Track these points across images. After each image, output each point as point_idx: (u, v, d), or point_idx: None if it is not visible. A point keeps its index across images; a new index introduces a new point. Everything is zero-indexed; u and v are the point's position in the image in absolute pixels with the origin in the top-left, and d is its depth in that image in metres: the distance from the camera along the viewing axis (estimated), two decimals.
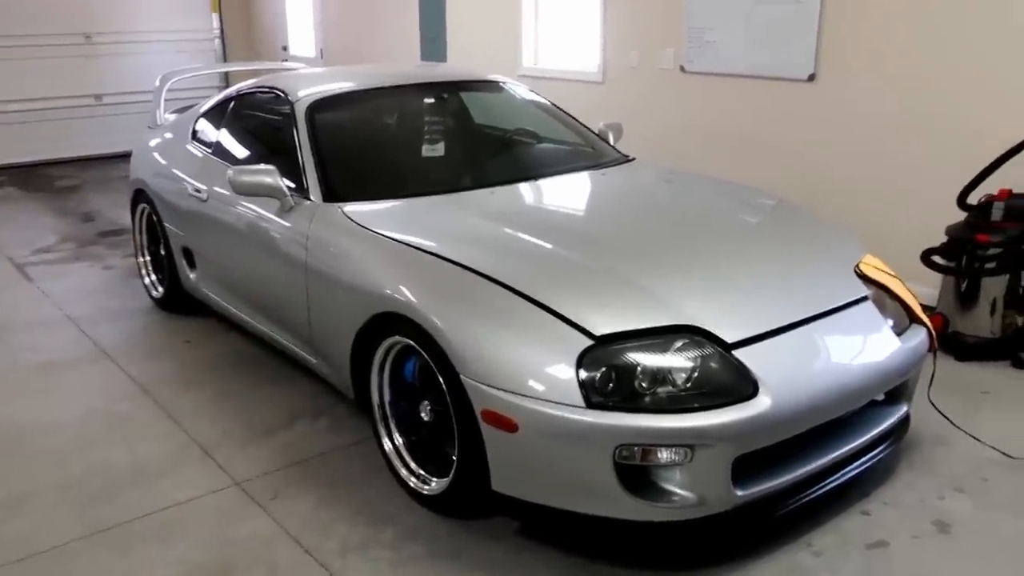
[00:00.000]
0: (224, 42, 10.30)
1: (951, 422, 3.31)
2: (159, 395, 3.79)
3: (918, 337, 2.96)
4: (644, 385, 2.41)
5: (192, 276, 4.39)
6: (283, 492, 3.02)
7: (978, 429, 3.33)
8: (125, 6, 9.49)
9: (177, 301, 4.69)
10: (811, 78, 4.93)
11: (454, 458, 2.72)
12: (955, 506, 2.89)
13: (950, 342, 4.08)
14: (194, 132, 4.55)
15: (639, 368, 2.41)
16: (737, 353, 2.50)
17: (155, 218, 4.67)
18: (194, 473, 3.16)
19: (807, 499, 2.66)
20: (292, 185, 3.48)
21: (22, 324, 4.68)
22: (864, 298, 2.92)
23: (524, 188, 3.60)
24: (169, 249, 4.56)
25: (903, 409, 3.02)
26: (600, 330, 2.46)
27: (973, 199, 4.05)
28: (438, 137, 4.07)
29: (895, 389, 2.94)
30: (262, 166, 3.44)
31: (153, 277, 4.94)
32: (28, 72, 8.97)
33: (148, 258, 4.97)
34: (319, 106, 3.75)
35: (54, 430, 3.50)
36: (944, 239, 4.11)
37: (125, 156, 8.53)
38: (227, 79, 10.05)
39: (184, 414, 3.61)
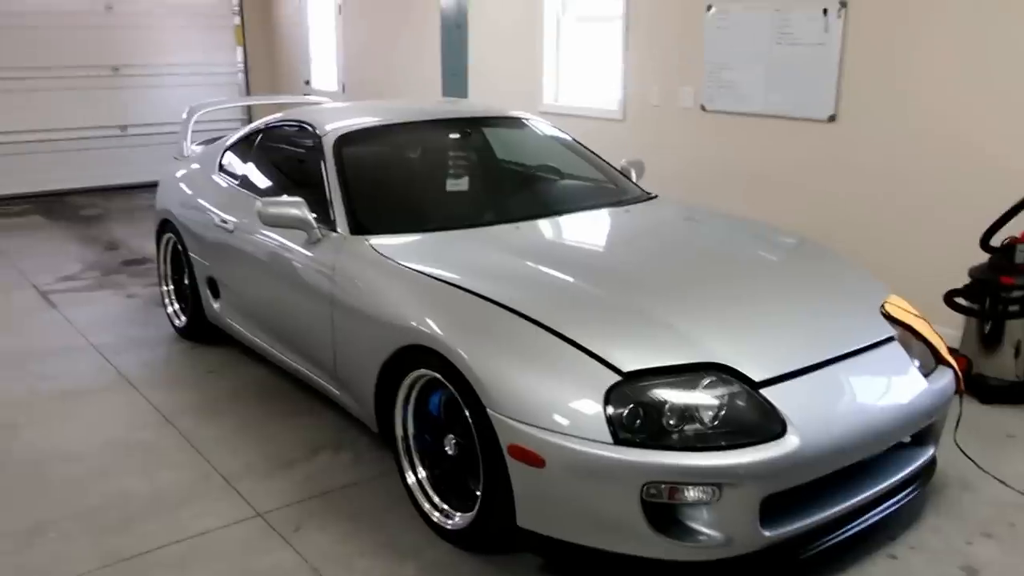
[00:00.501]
0: (247, 76, 10.47)
1: (977, 465, 3.28)
2: (181, 424, 3.81)
3: (945, 378, 2.94)
4: (672, 423, 2.40)
5: (216, 306, 4.43)
6: (306, 524, 3.02)
7: (1004, 473, 3.30)
8: (152, 40, 9.67)
9: (200, 331, 4.72)
10: (831, 119, 4.96)
11: (478, 493, 2.71)
12: (983, 551, 2.85)
13: (974, 385, 4.05)
14: (221, 164, 4.61)
15: (667, 405, 2.41)
16: (764, 392, 2.50)
17: (180, 248, 4.72)
18: (216, 503, 3.16)
19: (833, 542, 2.64)
20: (319, 217, 3.52)
21: (46, 351, 4.71)
22: (891, 338, 2.92)
23: (549, 224, 3.62)
24: (193, 279, 4.61)
25: (930, 452, 3.00)
26: (628, 366, 2.47)
27: (996, 241, 4.04)
28: (462, 172, 4.11)
29: (922, 431, 2.93)
30: (290, 198, 3.48)
31: (176, 306, 4.98)
32: (56, 103, 9.14)
33: (171, 287, 5.02)
34: (347, 140, 3.80)
35: (75, 458, 3.51)
36: (967, 280, 4.10)
37: (149, 186, 8.62)
38: (250, 112, 10.21)
39: (206, 444, 3.62)
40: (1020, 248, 3.95)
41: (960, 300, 4.08)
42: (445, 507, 2.93)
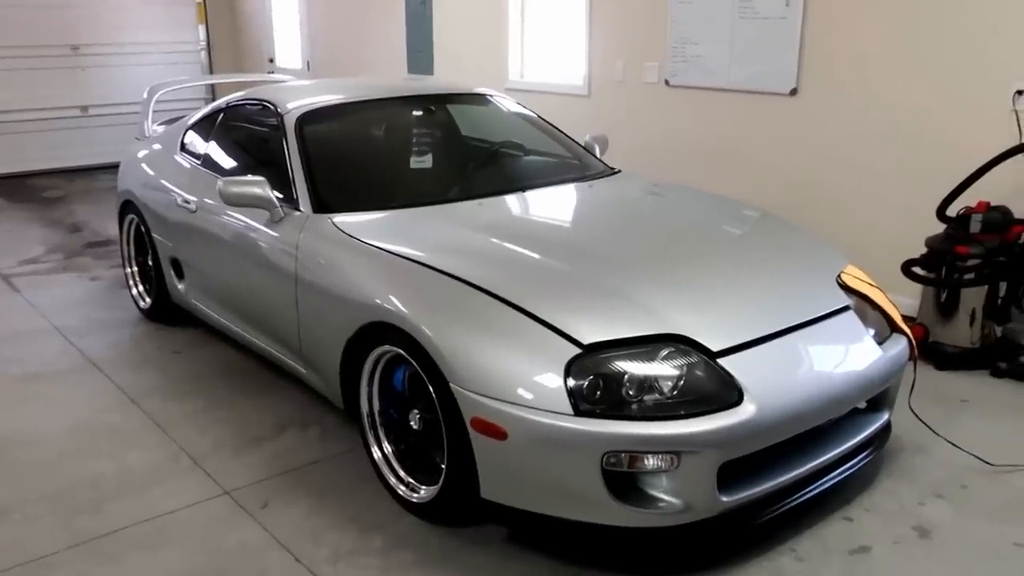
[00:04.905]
0: (210, 54, 10.33)
1: (931, 429, 3.36)
2: (148, 405, 3.80)
3: (899, 346, 3.01)
4: (631, 393, 2.45)
5: (180, 287, 4.40)
6: (273, 501, 3.04)
7: (958, 437, 3.39)
8: (112, 18, 9.50)
9: (165, 312, 4.70)
10: (793, 92, 5.01)
11: (443, 466, 2.75)
12: (935, 512, 2.94)
13: (930, 352, 4.15)
14: (183, 144, 4.57)
15: (626, 376, 2.45)
16: (722, 361, 2.55)
17: (143, 229, 4.68)
18: (184, 482, 3.17)
19: (790, 505, 2.70)
20: (281, 196, 3.51)
21: (9, 335, 4.67)
22: (846, 308, 2.98)
23: (512, 200, 3.64)
24: (157, 260, 4.58)
25: (884, 417, 3.07)
26: (588, 339, 2.50)
27: (952, 211, 4.13)
28: (426, 149, 4.12)
29: (876, 397, 3.00)
30: (252, 177, 3.47)
31: (141, 288, 4.95)
32: (15, 83, 8.98)
33: (136, 269, 4.98)
34: (309, 118, 3.79)
35: (41, 441, 3.50)
36: (924, 250, 4.18)
37: (111, 167, 8.49)
38: (214, 91, 10.09)
39: (174, 424, 3.62)
40: (975, 218, 4.04)
41: (917, 270, 4.16)
42: (411, 481, 2.96)
